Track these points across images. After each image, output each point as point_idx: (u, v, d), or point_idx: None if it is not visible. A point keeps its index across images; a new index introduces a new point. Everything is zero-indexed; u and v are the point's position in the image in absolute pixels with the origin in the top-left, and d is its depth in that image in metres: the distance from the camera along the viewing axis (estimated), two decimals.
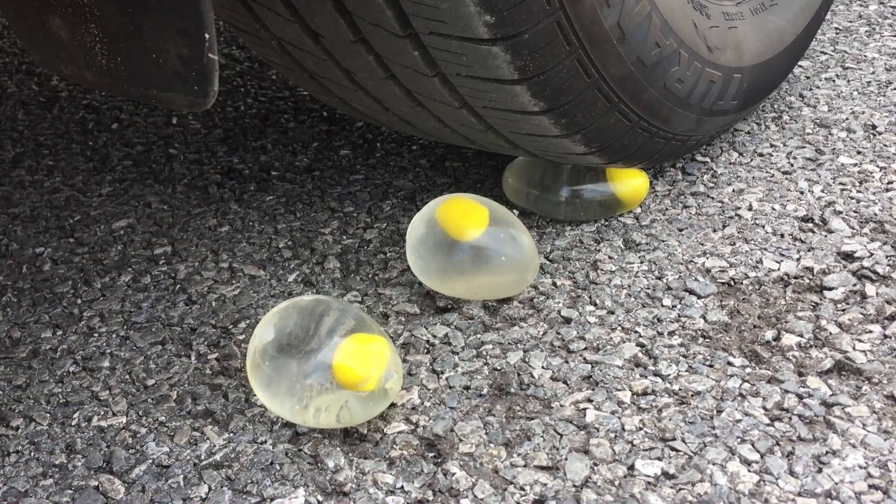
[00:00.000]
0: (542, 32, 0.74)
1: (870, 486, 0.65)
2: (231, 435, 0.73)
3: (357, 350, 0.70)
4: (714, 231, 0.97)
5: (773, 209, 0.99)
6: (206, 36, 0.58)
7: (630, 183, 0.98)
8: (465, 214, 0.84)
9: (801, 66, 1.35)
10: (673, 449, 0.69)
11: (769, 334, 0.81)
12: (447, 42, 0.74)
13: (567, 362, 0.79)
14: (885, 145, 1.11)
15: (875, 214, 0.97)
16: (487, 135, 0.89)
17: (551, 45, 0.76)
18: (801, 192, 1.02)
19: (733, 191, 1.04)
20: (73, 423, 0.76)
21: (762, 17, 1.03)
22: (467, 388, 0.77)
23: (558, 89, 0.79)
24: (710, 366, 0.77)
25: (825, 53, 1.40)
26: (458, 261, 0.83)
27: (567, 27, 0.75)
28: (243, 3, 0.82)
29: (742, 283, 0.88)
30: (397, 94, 0.85)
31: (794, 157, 1.10)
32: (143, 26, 0.60)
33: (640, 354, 0.79)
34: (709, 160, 1.11)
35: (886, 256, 0.90)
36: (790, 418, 0.71)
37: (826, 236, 0.94)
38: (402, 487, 0.67)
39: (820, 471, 0.66)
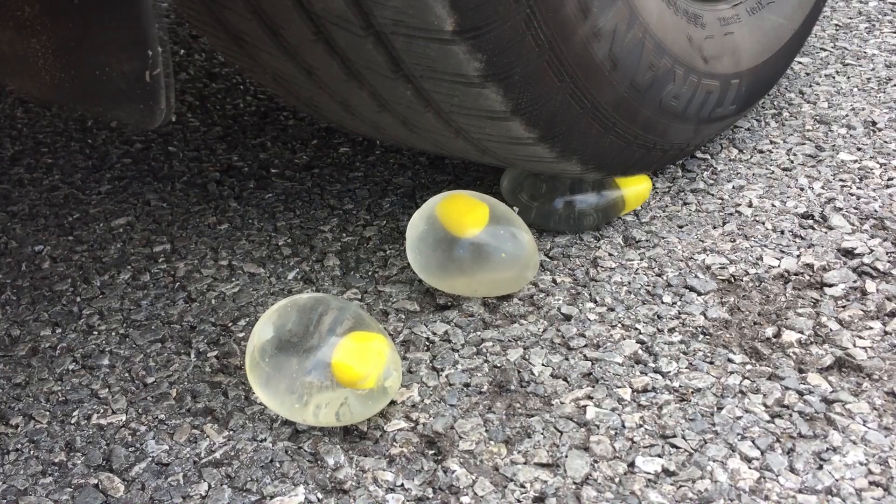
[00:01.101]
0: (533, 70, 0.74)
1: (870, 483, 0.65)
2: (231, 433, 0.73)
3: (356, 348, 0.70)
4: (714, 228, 0.96)
5: (773, 206, 0.99)
6: (150, 52, 0.56)
7: (634, 189, 0.96)
8: (465, 211, 0.84)
9: (800, 63, 1.35)
10: (673, 446, 0.69)
11: (769, 331, 0.80)
12: (439, 83, 0.74)
13: (567, 359, 0.79)
14: (885, 142, 1.11)
15: (875, 211, 0.96)
16: (485, 157, 0.90)
17: (542, 82, 0.76)
18: (801, 189, 1.02)
19: (733, 187, 1.04)
20: (72, 421, 0.75)
21: (759, 16, 1.02)
22: (467, 385, 0.77)
23: (552, 120, 0.80)
24: (711, 363, 0.77)
25: (825, 50, 1.40)
26: (459, 257, 0.83)
27: (557, 64, 0.75)
28: (236, 42, 0.82)
29: (742, 280, 0.88)
30: (393, 123, 0.86)
31: (794, 154, 1.10)
32: (84, 42, 0.58)
33: (640, 351, 0.79)
34: (708, 157, 1.11)
35: (887, 253, 0.89)
36: (791, 415, 0.71)
37: (826, 233, 0.94)
38: (403, 485, 0.67)
39: (820, 467, 0.66)
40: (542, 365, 0.78)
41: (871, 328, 0.80)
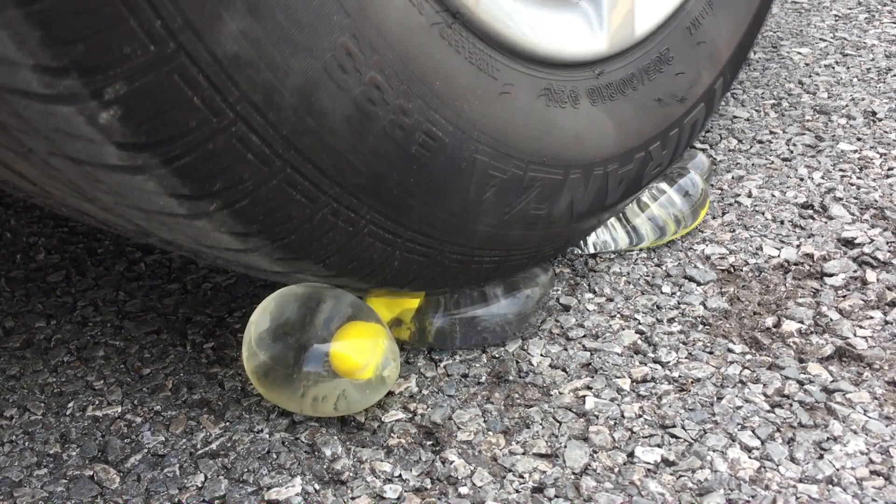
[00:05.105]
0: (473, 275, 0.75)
1: (871, 472, 0.64)
2: (227, 424, 0.73)
3: (354, 338, 0.69)
4: (713, 218, 0.96)
5: (773, 196, 0.99)
6: None
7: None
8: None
9: (800, 54, 1.35)
10: (673, 436, 0.69)
11: (769, 321, 0.80)
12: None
13: (566, 350, 0.78)
14: (885, 132, 1.10)
15: (875, 201, 0.96)
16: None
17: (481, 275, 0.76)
18: (801, 179, 1.02)
19: (733, 178, 1.03)
20: (67, 413, 0.75)
21: None
22: (465, 375, 0.76)
23: (507, 274, 0.80)
24: (710, 353, 0.77)
25: (824, 40, 1.39)
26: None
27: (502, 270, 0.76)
28: None
29: (742, 270, 0.87)
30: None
31: (794, 144, 1.09)
32: None
33: (639, 342, 0.79)
34: (708, 147, 1.10)
35: (887, 242, 0.89)
36: (791, 405, 0.71)
37: (826, 223, 0.93)
38: (401, 475, 0.67)
39: (821, 457, 0.66)
40: (541, 355, 0.78)
41: (871, 318, 0.79)
